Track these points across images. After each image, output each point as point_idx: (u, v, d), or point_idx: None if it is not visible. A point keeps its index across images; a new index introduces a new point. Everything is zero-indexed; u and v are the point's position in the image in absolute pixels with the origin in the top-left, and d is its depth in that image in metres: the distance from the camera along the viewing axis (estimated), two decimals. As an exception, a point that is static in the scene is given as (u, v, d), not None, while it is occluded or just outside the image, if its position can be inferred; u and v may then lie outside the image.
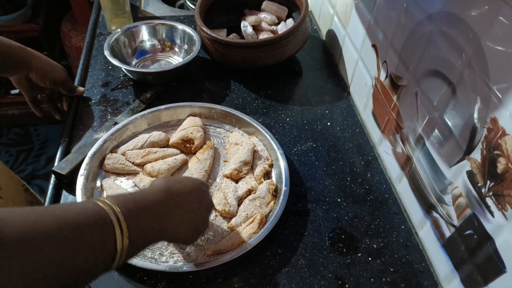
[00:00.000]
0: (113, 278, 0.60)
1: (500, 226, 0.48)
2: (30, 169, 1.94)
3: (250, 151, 0.75)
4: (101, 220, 0.40)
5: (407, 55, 0.68)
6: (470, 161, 0.53)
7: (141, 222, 0.44)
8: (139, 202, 0.46)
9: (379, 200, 0.73)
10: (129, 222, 0.42)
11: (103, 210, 0.41)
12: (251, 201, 0.68)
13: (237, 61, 0.94)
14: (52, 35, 1.97)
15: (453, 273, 0.59)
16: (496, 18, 0.47)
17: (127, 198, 0.45)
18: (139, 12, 1.18)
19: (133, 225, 0.42)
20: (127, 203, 0.44)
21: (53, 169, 0.71)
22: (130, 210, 0.43)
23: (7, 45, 0.72)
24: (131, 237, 0.42)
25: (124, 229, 0.41)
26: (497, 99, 0.48)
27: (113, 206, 0.41)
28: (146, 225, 0.45)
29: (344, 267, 0.63)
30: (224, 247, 0.62)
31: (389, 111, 0.75)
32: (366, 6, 0.83)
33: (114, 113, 0.85)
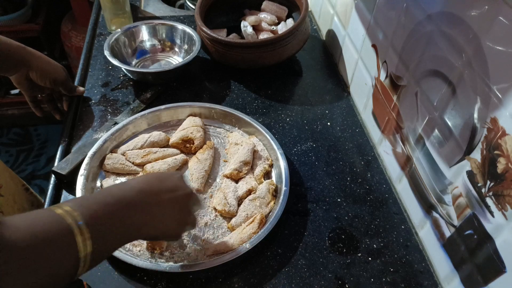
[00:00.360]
0: (113, 278, 0.60)
1: (500, 226, 0.48)
2: (30, 169, 1.94)
3: (250, 151, 0.75)
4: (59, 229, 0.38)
5: (407, 55, 0.68)
6: (470, 161, 0.53)
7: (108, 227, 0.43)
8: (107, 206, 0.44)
9: (379, 200, 0.73)
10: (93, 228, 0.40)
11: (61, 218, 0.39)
12: (251, 201, 0.68)
13: (237, 61, 0.94)
14: (52, 35, 1.97)
15: (453, 273, 0.59)
16: (496, 18, 0.47)
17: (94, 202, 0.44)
18: (139, 12, 1.18)
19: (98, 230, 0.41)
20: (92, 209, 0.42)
21: (53, 169, 0.71)
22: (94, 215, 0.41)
23: (7, 44, 0.72)
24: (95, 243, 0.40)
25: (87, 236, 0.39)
26: (497, 99, 0.48)
27: (73, 213, 0.40)
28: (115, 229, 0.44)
29: (344, 267, 0.63)
30: (224, 247, 0.62)
31: (389, 111, 0.75)
32: (366, 6, 0.83)
33: (114, 113, 0.85)
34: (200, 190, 0.71)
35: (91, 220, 0.41)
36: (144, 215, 0.47)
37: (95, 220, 0.41)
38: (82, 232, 0.39)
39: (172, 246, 0.63)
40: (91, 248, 0.40)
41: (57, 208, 0.40)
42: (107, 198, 0.45)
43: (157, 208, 0.49)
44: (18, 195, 0.86)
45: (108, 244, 0.44)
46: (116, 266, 0.61)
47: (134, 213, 0.46)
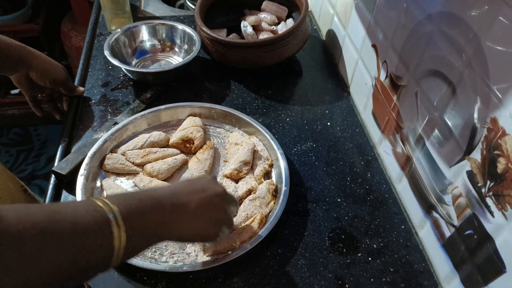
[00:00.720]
0: (113, 278, 0.60)
1: (500, 226, 0.48)
2: (30, 169, 1.94)
3: (250, 151, 0.75)
4: (98, 218, 0.40)
5: (407, 55, 0.68)
6: (470, 161, 0.53)
7: (141, 223, 0.44)
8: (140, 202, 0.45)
9: (379, 200, 0.73)
10: (128, 222, 0.42)
11: (100, 208, 0.40)
12: (251, 201, 0.68)
13: (237, 61, 0.94)
14: (52, 35, 1.97)
15: (453, 273, 0.59)
16: (496, 18, 0.47)
17: (129, 198, 0.45)
18: (139, 12, 1.18)
19: (132, 225, 0.42)
20: (127, 203, 0.43)
21: (53, 169, 0.71)
22: (129, 210, 0.43)
23: (7, 44, 0.72)
24: (129, 237, 0.41)
25: (122, 229, 0.41)
26: (497, 99, 0.48)
27: (111, 205, 0.41)
28: (146, 226, 0.45)
29: (344, 267, 0.63)
30: (224, 247, 0.62)
31: (389, 111, 0.75)
32: (366, 6, 0.83)
33: (114, 113, 0.85)
34: None
35: (127, 215, 0.42)
36: (174, 215, 0.48)
37: (130, 215, 0.42)
38: (118, 224, 0.41)
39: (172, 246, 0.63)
40: (125, 241, 0.41)
41: (97, 199, 0.42)
42: (142, 196, 0.47)
43: (187, 208, 0.50)
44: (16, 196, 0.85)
45: (140, 240, 0.45)
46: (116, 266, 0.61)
47: (164, 212, 0.47)
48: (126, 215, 0.42)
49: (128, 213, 0.42)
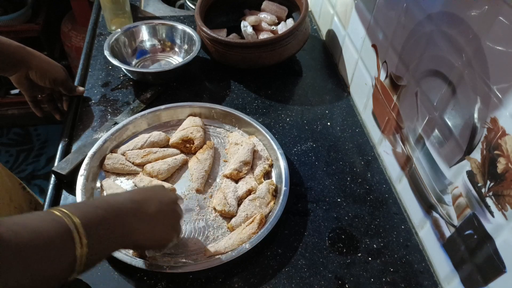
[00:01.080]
0: (113, 278, 0.60)
1: (500, 226, 0.48)
2: (30, 169, 1.94)
3: (250, 151, 0.75)
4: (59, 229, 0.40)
5: (407, 55, 0.68)
6: (470, 161, 0.53)
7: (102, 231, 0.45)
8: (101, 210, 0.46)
9: (379, 200, 0.73)
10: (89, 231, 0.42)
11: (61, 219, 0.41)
12: (251, 201, 0.68)
13: (237, 61, 0.94)
14: (52, 35, 1.97)
15: (453, 273, 0.59)
16: (496, 18, 0.47)
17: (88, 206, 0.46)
18: (139, 12, 1.18)
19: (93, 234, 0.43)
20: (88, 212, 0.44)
21: (53, 169, 0.71)
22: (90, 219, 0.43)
23: (7, 44, 0.72)
24: (91, 245, 0.42)
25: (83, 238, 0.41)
26: (497, 99, 0.48)
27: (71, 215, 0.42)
28: (107, 234, 0.45)
29: (344, 267, 0.63)
30: (224, 247, 0.62)
31: (389, 111, 0.75)
32: (366, 6, 0.83)
33: (114, 113, 0.85)
34: (200, 190, 0.71)
35: (87, 223, 0.43)
36: (135, 221, 0.49)
37: (90, 223, 0.43)
38: (79, 233, 0.41)
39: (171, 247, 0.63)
40: (86, 249, 0.41)
41: (55, 210, 0.42)
42: (102, 204, 0.48)
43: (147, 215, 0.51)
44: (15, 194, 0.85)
45: (102, 247, 0.45)
46: (116, 266, 0.61)
47: (125, 219, 0.48)
48: (87, 224, 0.42)
49: (88, 222, 0.43)
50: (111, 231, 0.46)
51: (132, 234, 0.49)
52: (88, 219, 0.43)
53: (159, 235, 0.53)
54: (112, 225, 0.46)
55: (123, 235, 0.48)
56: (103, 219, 0.45)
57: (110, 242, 0.46)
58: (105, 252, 0.47)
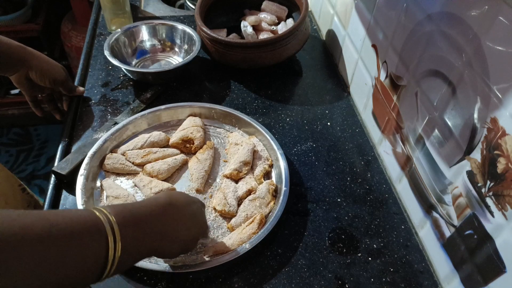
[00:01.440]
0: (113, 278, 0.60)
1: (500, 226, 0.48)
2: (30, 169, 1.94)
3: (250, 151, 0.75)
4: (94, 228, 0.40)
5: (407, 55, 0.68)
6: (470, 161, 0.53)
7: (136, 235, 0.44)
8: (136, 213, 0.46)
9: (379, 200, 0.73)
10: (124, 233, 0.42)
11: (98, 218, 0.40)
12: (251, 201, 0.68)
13: (237, 61, 0.94)
14: (52, 35, 1.97)
15: (453, 273, 0.59)
16: (496, 18, 0.47)
17: (125, 208, 0.45)
18: (139, 12, 1.18)
19: (128, 236, 0.42)
20: (124, 213, 0.44)
21: (53, 169, 0.71)
22: (125, 220, 0.43)
23: (7, 44, 0.72)
24: (124, 248, 0.41)
25: (118, 239, 0.41)
26: (497, 99, 0.48)
27: (109, 215, 0.41)
28: (140, 238, 0.45)
29: (344, 267, 0.63)
30: (224, 247, 0.62)
31: (389, 111, 0.75)
32: (366, 6, 0.83)
33: (114, 113, 0.85)
34: (200, 190, 0.71)
35: (122, 225, 0.42)
36: (166, 227, 0.49)
37: (125, 226, 0.42)
38: (114, 234, 0.41)
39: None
40: (120, 252, 0.41)
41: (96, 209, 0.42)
42: (135, 206, 0.47)
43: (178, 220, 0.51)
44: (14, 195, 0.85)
45: (134, 251, 0.44)
46: (116, 266, 0.61)
47: (157, 223, 0.47)
48: (122, 224, 0.42)
49: (123, 223, 0.42)
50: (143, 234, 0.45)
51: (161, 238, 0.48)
52: (122, 216, 0.43)
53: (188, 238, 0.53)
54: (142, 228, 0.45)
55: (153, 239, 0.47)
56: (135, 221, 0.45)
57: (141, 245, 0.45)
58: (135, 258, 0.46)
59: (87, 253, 0.39)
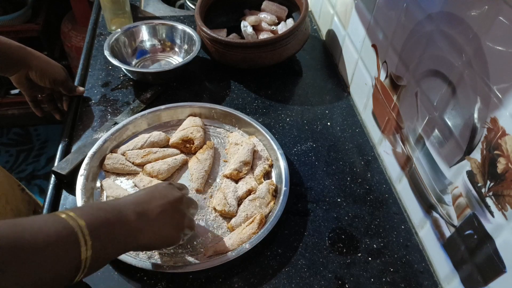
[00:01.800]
0: (113, 278, 0.60)
1: (500, 226, 0.48)
2: (30, 169, 1.94)
3: (250, 151, 0.75)
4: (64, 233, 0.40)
5: (407, 55, 0.68)
6: (470, 161, 0.53)
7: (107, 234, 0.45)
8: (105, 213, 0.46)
9: (379, 200, 0.73)
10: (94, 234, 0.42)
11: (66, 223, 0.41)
12: (251, 201, 0.68)
13: (237, 61, 0.94)
14: (52, 35, 1.97)
15: (453, 273, 0.59)
16: (496, 18, 0.47)
17: (93, 209, 0.46)
18: (139, 12, 1.18)
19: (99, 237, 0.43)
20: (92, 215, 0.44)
21: (53, 169, 0.71)
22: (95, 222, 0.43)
23: (6, 44, 0.72)
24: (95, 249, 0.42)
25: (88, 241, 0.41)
26: (497, 99, 0.48)
27: (77, 219, 0.42)
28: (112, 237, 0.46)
29: (344, 267, 0.63)
30: (224, 248, 0.62)
31: (389, 111, 0.75)
32: (366, 6, 0.83)
33: (114, 113, 0.85)
34: (200, 190, 0.71)
35: (92, 226, 0.43)
36: (138, 223, 0.49)
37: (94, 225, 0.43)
38: (84, 234, 0.41)
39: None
40: (91, 251, 0.42)
41: (61, 213, 0.42)
42: (105, 207, 0.48)
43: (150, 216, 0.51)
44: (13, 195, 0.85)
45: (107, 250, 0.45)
46: (116, 266, 0.61)
47: (129, 222, 0.48)
48: (91, 226, 0.42)
49: (93, 225, 0.43)
50: (115, 233, 0.46)
51: (136, 236, 0.49)
52: (92, 221, 0.43)
53: (164, 236, 0.53)
54: (115, 228, 0.46)
55: (126, 237, 0.48)
56: (106, 221, 0.45)
57: (114, 244, 0.46)
58: (110, 255, 0.47)
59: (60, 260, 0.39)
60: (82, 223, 0.42)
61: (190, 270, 0.59)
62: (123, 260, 0.58)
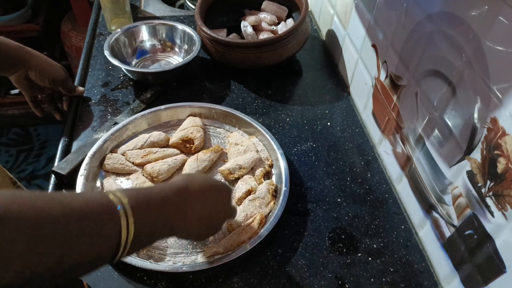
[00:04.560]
0: (113, 278, 0.60)
1: (500, 226, 0.48)
2: (30, 169, 1.94)
3: (252, 160, 0.74)
4: (107, 210, 0.40)
5: (407, 55, 0.68)
6: (470, 161, 0.53)
7: (149, 217, 0.44)
8: (150, 197, 0.46)
9: (379, 200, 0.73)
10: (137, 215, 0.42)
11: (110, 201, 0.41)
12: (251, 202, 0.68)
13: (237, 61, 0.94)
14: (52, 35, 1.97)
15: (453, 273, 0.59)
16: (496, 18, 0.47)
17: (139, 192, 0.46)
18: (139, 12, 1.18)
19: (140, 219, 0.42)
20: (138, 197, 0.44)
21: (53, 169, 0.71)
22: (139, 203, 0.43)
23: (6, 44, 0.72)
24: (137, 230, 0.42)
25: (131, 221, 0.41)
26: (497, 99, 0.48)
27: (121, 197, 0.42)
28: (154, 220, 0.45)
29: (344, 267, 0.63)
30: (224, 248, 0.62)
31: (389, 111, 0.75)
32: (366, 6, 0.83)
33: (114, 113, 0.85)
34: None
35: (136, 207, 0.42)
36: (179, 213, 0.49)
37: (138, 209, 0.43)
38: (127, 217, 0.41)
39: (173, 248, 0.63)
40: (133, 233, 0.41)
41: (109, 193, 0.42)
42: (149, 191, 0.47)
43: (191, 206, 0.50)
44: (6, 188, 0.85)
45: (147, 234, 0.45)
46: (116, 266, 0.61)
47: (170, 209, 0.48)
48: (136, 207, 0.42)
49: (137, 205, 0.42)
50: (156, 218, 0.45)
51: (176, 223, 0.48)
52: (136, 200, 0.43)
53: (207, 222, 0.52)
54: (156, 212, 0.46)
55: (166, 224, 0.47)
56: (148, 205, 0.45)
57: (154, 229, 0.46)
58: (149, 240, 0.47)
59: (101, 235, 0.39)
60: (125, 200, 0.41)
61: (190, 270, 0.59)
62: (123, 260, 0.58)
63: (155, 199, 0.46)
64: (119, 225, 0.40)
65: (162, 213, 0.46)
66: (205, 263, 0.60)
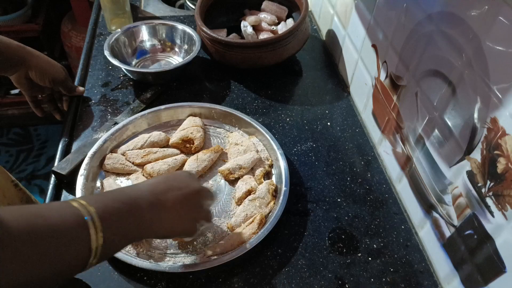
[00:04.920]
0: (113, 278, 0.60)
1: (500, 226, 0.48)
2: (30, 169, 1.94)
3: (252, 160, 0.74)
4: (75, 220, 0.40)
5: (407, 55, 0.68)
6: (470, 161, 0.53)
7: (118, 223, 0.44)
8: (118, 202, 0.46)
9: (379, 200, 0.73)
10: (105, 223, 0.42)
11: (77, 210, 0.41)
12: (251, 202, 0.68)
13: (237, 61, 0.94)
14: (52, 35, 1.97)
15: (453, 273, 0.59)
16: (496, 18, 0.47)
17: (105, 198, 0.46)
18: (139, 12, 1.18)
19: (109, 226, 0.43)
20: (106, 204, 0.44)
21: (53, 169, 0.71)
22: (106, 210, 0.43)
23: (6, 44, 0.72)
24: (106, 237, 0.42)
25: (99, 230, 0.41)
26: (497, 99, 0.48)
27: (87, 206, 0.42)
28: (124, 226, 0.45)
29: (344, 267, 0.63)
30: (224, 248, 0.62)
31: (389, 111, 0.75)
32: (366, 6, 0.83)
33: (114, 113, 0.85)
34: None
35: (104, 215, 0.42)
36: (152, 214, 0.49)
37: (107, 215, 0.43)
38: (95, 225, 0.41)
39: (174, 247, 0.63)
40: (102, 241, 0.41)
41: (72, 200, 0.42)
42: (119, 195, 0.47)
43: (164, 207, 0.50)
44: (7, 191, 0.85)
45: (117, 240, 0.45)
46: (116, 266, 0.61)
47: (142, 212, 0.48)
48: (103, 215, 0.42)
49: (105, 213, 0.43)
50: (127, 224, 0.46)
51: (149, 226, 0.48)
52: (104, 209, 0.43)
53: (178, 227, 0.52)
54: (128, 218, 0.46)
55: (139, 227, 0.47)
56: (118, 210, 0.45)
57: (125, 235, 0.46)
58: (120, 245, 0.47)
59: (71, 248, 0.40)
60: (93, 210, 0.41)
61: (190, 270, 0.59)
62: (123, 260, 0.58)
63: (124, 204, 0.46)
64: (88, 236, 0.40)
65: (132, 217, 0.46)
66: (205, 263, 0.59)
